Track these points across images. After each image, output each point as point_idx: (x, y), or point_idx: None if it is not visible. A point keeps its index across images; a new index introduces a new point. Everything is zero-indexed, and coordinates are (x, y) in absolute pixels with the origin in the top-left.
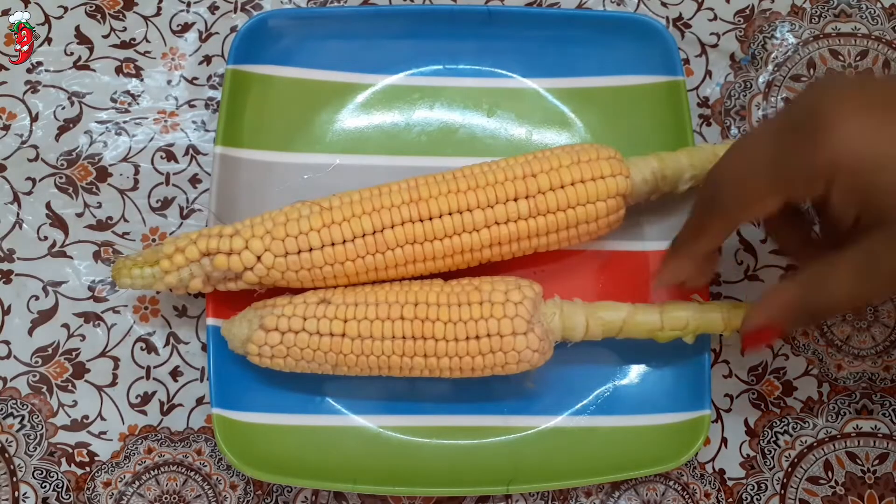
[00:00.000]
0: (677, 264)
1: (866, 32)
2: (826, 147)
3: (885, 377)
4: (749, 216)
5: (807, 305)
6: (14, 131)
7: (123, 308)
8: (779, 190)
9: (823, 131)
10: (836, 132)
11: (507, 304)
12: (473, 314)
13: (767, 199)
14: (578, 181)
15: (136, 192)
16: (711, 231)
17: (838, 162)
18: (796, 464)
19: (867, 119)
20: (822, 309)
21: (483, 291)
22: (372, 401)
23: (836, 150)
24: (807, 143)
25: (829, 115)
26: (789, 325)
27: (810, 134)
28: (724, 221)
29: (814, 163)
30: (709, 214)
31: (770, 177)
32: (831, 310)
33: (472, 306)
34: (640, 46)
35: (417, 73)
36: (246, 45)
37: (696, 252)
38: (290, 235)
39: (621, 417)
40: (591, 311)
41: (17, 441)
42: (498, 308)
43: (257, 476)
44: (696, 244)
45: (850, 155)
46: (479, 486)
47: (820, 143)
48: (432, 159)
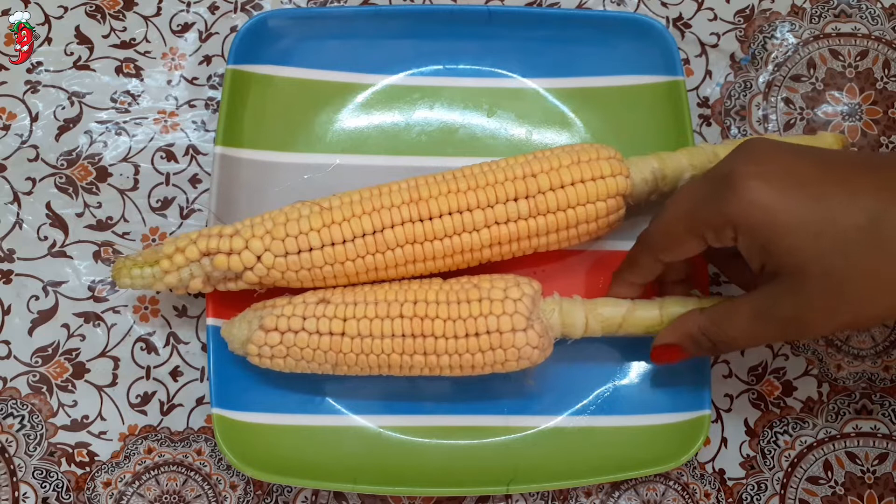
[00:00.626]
0: (618, 290)
1: (866, 32)
2: (730, 206)
3: (885, 377)
4: (673, 255)
5: (709, 336)
6: (14, 131)
7: (123, 308)
8: (694, 235)
9: (730, 192)
10: (739, 196)
11: (505, 301)
12: (472, 311)
13: (686, 242)
14: (578, 181)
15: (136, 192)
16: (641, 264)
17: (739, 221)
18: (796, 464)
19: (769, 189)
20: (722, 342)
21: (482, 289)
22: (372, 401)
23: (738, 211)
24: (716, 200)
25: (737, 180)
26: (691, 351)
27: (721, 193)
28: (651, 257)
29: (719, 217)
30: (640, 250)
31: (687, 223)
32: (729, 345)
33: (472, 303)
34: (640, 46)
35: (417, 73)
36: (246, 45)
37: (631, 281)
38: (290, 235)
39: (621, 417)
40: (591, 308)
41: (17, 441)
42: (497, 305)
43: (257, 476)
44: (630, 274)
45: (748, 217)
46: (479, 486)
47: (725, 202)
48: (432, 159)
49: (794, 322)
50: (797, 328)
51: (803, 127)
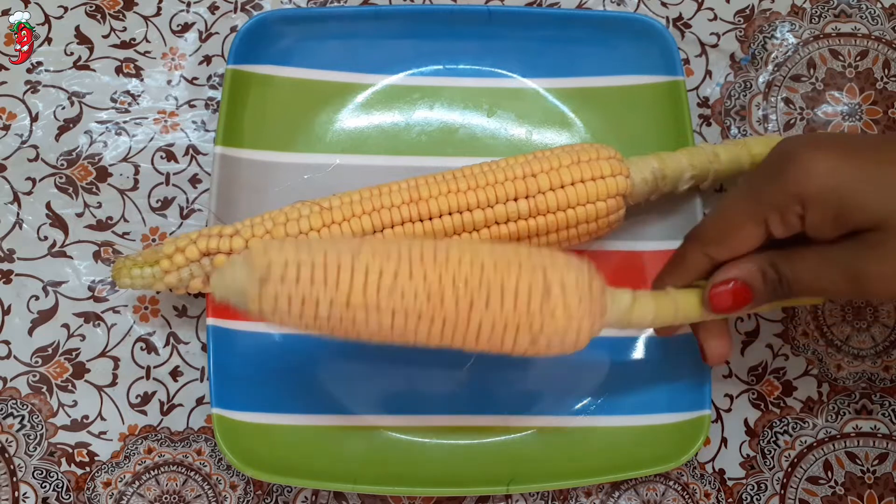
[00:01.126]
0: None
1: (866, 32)
2: (795, 179)
3: (885, 377)
4: (727, 248)
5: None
6: (14, 131)
7: (123, 308)
8: (756, 218)
9: (793, 166)
10: (803, 166)
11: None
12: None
13: (744, 230)
14: (578, 181)
15: (136, 192)
16: (688, 262)
17: (807, 192)
18: (796, 464)
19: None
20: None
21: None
22: (372, 401)
23: (805, 181)
24: (779, 177)
25: (798, 153)
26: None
27: (782, 170)
28: (699, 252)
29: (784, 194)
30: (688, 246)
31: (747, 208)
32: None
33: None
34: (640, 46)
35: (417, 73)
36: (246, 45)
37: (675, 283)
38: (290, 235)
39: (621, 417)
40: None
41: (17, 441)
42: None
43: (257, 476)
44: (674, 276)
45: (817, 185)
46: (479, 486)
47: (790, 177)
48: (432, 159)
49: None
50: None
51: (803, 127)
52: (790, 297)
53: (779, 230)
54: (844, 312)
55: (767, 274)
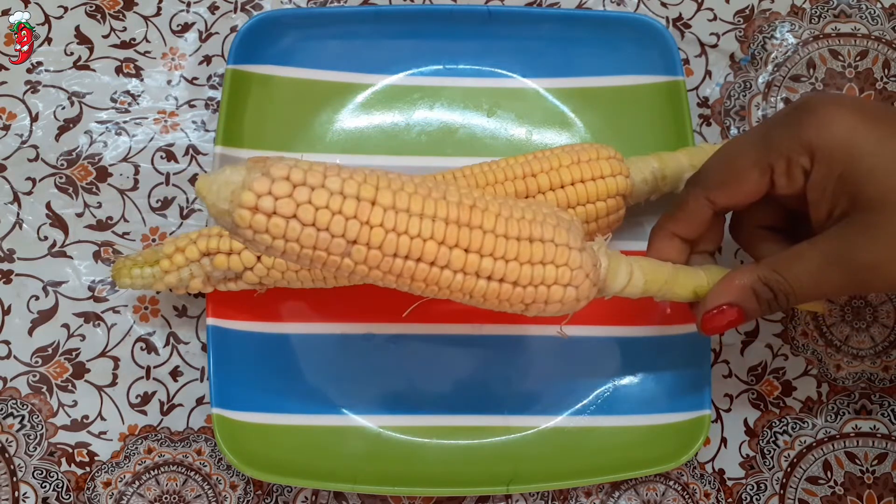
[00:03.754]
0: (659, 243)
1: (866, 32)
2: (809, 129)
3: (884, 377)
4: (729, 195)
5: (771, 287)
6: (14, 131)
7: (123, 308)
8: (762, 164)
9: (810, 114)
10: (821, 116)
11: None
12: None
13: (749, 177)
14: (578, 181)
15: (136, 192)
16: (689, 208)
17: (818, 144)
18: (795, 464)
19: (850, 114)
20: (784, 293)
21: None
22: (372, 401)
23: (817, 133)
24: (794, 122)
25: (816, 105)
26: (752, 308)
27: (798, 116)
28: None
29: (795, 142)
30: (689, 190)
31: (756, 150)
32: (793, 296)
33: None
34: (640, 46)
35: (417, 72)
36: (246, 45)
37: (673, 232)
38: None
39: (621, 417)
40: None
41: (17, 441)
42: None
43: (257, 476)
44: (674, 222)
45: (829, 140)
46: (479, 486)
47: (806, 123)
48: (432, 159)
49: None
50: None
51: None
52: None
53: (782, 182)
54: (844, 313)
55: (760, 293)
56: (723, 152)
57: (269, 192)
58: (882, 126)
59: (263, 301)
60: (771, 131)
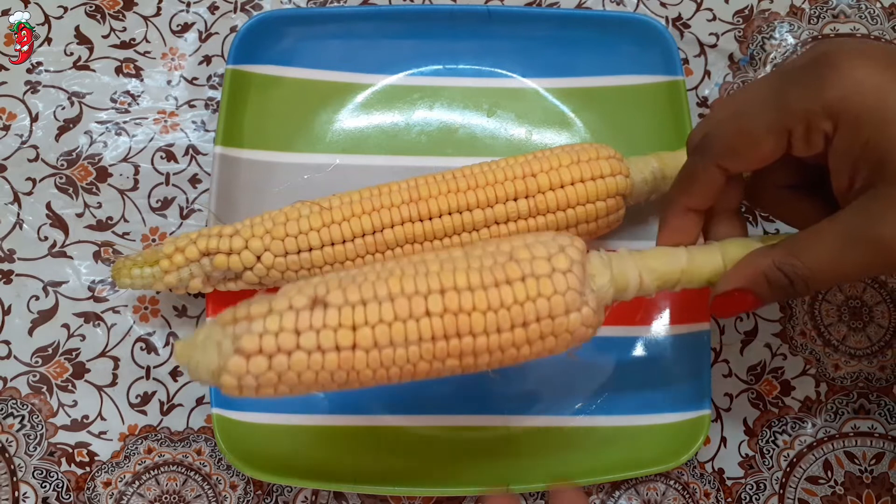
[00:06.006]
0: (674, 221)
1: (865, 32)
2: (834, 85)
3: (881, 377)
4: (741, 160)
5: (786, 272)
6: (14, 131)
7: (123, 308)
8: (778, 129)
9: (833, 70)
10: (846, 73)
11: (554, 276)
12: (517, 295)
13: (764, 141)
14: (578, 181)
15: (136, 192)
16: (698, 178)
17: (843, 107)
18: (795, 463)
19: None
20: (801, 278)
21: (521, 261)
22: (372, 401)
23: (845, 90)
24: (814, 79)
25: (840, 59)
26: (765, 294)
27: (819, 72)
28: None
29: (820, 99)
30: (697, 159)
31: (771, 112)
32: (811, 281)
33: (514, 285)
34: (640, 46)
35: (417, 72)
36: (246, 45)
37: (685, 205)
38: (290, 235)
39: (621, 417)
40: (642, 262)
41: (17, 441)
42: (545, 283)
43: (257, 476)
44: (685, 194)
45: (856, 101)
46: (479, 486)
47: (828, 81)
48: (432, 159)
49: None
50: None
51: None
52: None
53: (800, 147)
54: (840, 313)
55: (773, 278)
56: (733, 113)
57: (248, 371)
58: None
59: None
60: (787, 89)
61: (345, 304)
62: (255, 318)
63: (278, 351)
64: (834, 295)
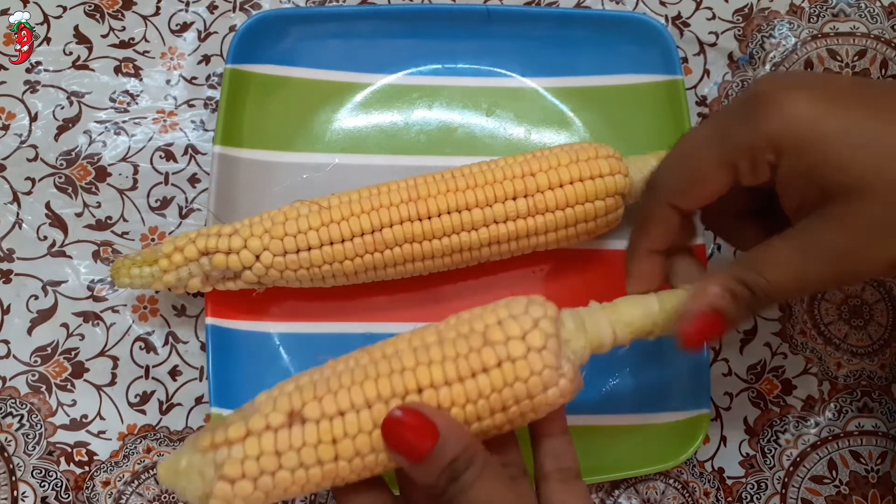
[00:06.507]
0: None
1: (865, 31)
2: (770, 123)
3: (882, 375)
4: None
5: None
6: (13, 131)
7: (122, 307)
8: (724, 164)
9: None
10: (784, 105)
11: (530, 356)
12: (495, 383)
13: (712, 178)
14: (577, 180)
15: (135, 192)
16: (654, 218)
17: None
18: (798, 463)
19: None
20: (763, 291)
21: (496, 345)
22: None
23: (780, 126)
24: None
25: (776, 93)
26: (731, 312)
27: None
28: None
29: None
30: (650, 199)
31: (715, 150)
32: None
33: (491, 373)
34: (639, 45)
35: (416, 72)
36: (245, 44)
37: (648, 248)
38: (289, 234)
39: (621, 416)
40: (615, 316)
41: (16, 440)
42: (522, 366)
43: None
44: (645, 238)
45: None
46: None
47: (764, 119)
48: (431, 158)
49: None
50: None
51: None
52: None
53: (748, 178)
54: (840, 311)
55: (737, 292)
56: (679, 154)
57: (235, 495)
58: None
59: (262, 300)
60: (729, 126)
61: (322, 417)
62: (234, 442)
63: (262, 474)
64: (833, 294)
